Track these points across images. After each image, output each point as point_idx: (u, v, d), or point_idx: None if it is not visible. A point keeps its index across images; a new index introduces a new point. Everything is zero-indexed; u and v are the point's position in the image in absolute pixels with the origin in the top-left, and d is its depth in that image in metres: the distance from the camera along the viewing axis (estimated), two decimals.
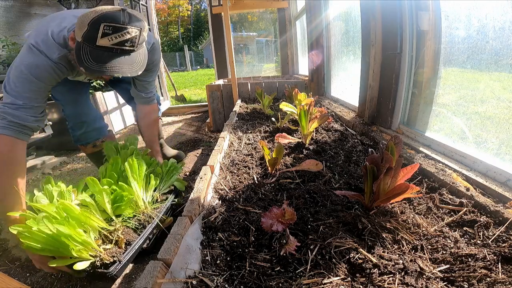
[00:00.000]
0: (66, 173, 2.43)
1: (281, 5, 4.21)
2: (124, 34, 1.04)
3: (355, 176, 1.14)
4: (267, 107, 2.44)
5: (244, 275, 0.67)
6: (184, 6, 33.46)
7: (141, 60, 1.15)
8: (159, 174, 1.44)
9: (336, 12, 2.60)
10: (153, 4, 4.59)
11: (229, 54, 3.18)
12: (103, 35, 1.01)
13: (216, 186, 1.11)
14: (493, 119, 1.03)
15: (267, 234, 0.79)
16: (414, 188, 0.78)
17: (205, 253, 0.75)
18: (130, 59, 1.09)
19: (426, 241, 0.73)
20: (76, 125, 1.75)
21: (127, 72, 1.08)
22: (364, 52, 1.73)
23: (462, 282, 0.60)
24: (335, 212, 0.88)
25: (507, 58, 0.93)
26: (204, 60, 28.85)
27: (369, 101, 1.70)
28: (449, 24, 1.19)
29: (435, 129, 1.31)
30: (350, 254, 0.69)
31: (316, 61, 2.88)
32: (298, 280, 0.64)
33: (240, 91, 3.24)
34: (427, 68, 1.34)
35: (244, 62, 7.30)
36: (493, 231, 0.72)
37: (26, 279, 1.17)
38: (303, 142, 1.51)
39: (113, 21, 1.02)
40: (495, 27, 0.96)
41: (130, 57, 1.09)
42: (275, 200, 1.00)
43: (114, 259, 0.97)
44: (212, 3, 4.41)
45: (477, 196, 0.85)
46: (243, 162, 1.34)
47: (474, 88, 1.12)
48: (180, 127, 3.88)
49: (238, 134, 1.80)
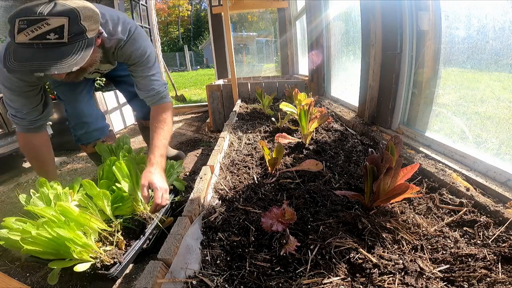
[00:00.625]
0: (66, 173, 2.43)
1: (281, 5, 4.21)
2: (42, 26, 0.89)
3: (355, 176, 1.14)
4: (267, 107, 2.44)
5: (244, 275, 0.67)
6: (184, 6, 33.45)
7: (80, 54, 0.96)
8: None
9: (336, 12, 2.60)
10: (153, 4, 4.59)
11: (229, 54, 3.18)
12: (19, 31, 0.89)
13: (216, 186, 1.11)
14: (493, 119, 1.03)
15: (267, 234, 0.79)
16: (414, 188, 0.78)
17: (205, 253, 0.75)
18: (60, 54, 0.93)
19: (426, 241, 0.73)
20: (77, 125, 1.75)
21: (54, 69, 0.91)
22: (364, 52, 1.73)
23: (462, 282, 0.60)
24: (335, 212, 0.88)
25: (507, 58, 0.93)
26: (204, 60, 28.85)
27: (369, 101, 1.70)
28: (449, 24, 1.19)
29: (435, 129, 1.31)
30: (350, 254, 0.69)
31: (316, 61, 2.88)
32: (298, 280, 0.64)
33: (240, 91, 3.24)
34: (427, 68, 1.34)
35: (244, 62, 7.30)
36: (493, 231, 0.72)
37: (26, 279, 1.17)
38: (303, 142, 1.51)
39: (28, 14, 0.90)
40: (495, 27, 0.96)
41: (61, 51, 0.93)
42: (275, 200, 1.00)
43: (115, 261, 0.97)
44: (212, 3, 4.41)
45: (477, 196, 0.85)
46: (243, 162, 1.34)
47: (474, 88, 1.12)
48: (180, 127, 3.88)
49: (238, 134, 1.80)
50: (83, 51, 0.97)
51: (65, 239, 0.88)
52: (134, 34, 1.31)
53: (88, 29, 0.98)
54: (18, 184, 2.21)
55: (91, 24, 0.99)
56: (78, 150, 2.92)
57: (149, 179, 1.12)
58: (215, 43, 4.73)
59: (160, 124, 1.35)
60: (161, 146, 1.28)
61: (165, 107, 1.43)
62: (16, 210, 1.75)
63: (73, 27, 0.93)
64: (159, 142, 1.29)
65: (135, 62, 1.35)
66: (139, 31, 1.35)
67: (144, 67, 1.38)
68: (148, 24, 4.45)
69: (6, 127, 2.11)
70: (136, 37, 1.33)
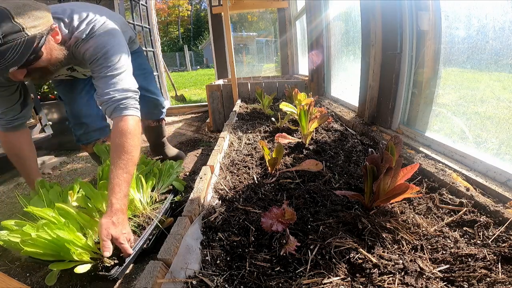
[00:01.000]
0: (66, 173, 2.43)
1: (281, 5, 4.21)
2: None
3: (355, 176, 1.14)
4: (267, 107, 2.44)
5: (244, 275, 0.67)
6: (184, 6, 33.45)
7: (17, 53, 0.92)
8: (156, 174, 1.43)
9: (336, 12, 2.60)
10: (153, 4, 4.59)
11: (229, 54, 3.18)
12: None
13: (216, 186, 1.11)
14: (493, 119, 1.03)
15: (267, 234, 0.79)
16: (414, 188, 0.78)
17: (205, 253, 0.75)
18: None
19: (426, 241, 0.73)
20: (76, 125, 1.75)
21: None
22: (364, 52, 1.73)
23: (462, 282, 0.60)
24: (335, 212, 0.88)
25: (507, 58, 0.93)
26: (204, 60, 28.86)
27: (369, 101, 1.70)
28: (449, 24, 1.19)
29: (435, 129, 1.31)
30: (350, 254, 0.69)
31: (316, 61, 2.88)
32: (298, 280, 0.64)
33: (240, 91, 3.24)
34: (427, 68, 1.34)
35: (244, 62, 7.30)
36: (493, 231, 0.72)
37: (26, 279, 1.17)
38: (303, 142, 1.51)
39: None
40: (495, 27, 0.96)
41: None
42: (275, 200, 1.00)
43: (115, 262, 0.97)
44: (212, 3, 4.41)
45: (477, 196, 0.85)
46: (243, 162, 1.34)
47: (474, 88, 1.12)
48: (180, 127, 3.88)
49: (238, 134, 1.80)
50: (21, 50, 0.92)
51: (65, 241, 0.88)
52: (96, 32, 1.16)
53: (27, 27, 0.92)
54: (18, 184, 2.21)
55: (30, 21, 0.93)
56: (78, 150, 2.92)
57: (112, 233, 0.95)
58: (215, 43, 4.73)
59: (118, 152, 1.05)
60: (122, 183, 1.02)
61: (123, 126, 1.09)
62: (16, 210, 1.75)
63: (5, 27, 0.88)
64: (120, 178, 1.02)
65: (91, 61, 1.15)
66: (106, 29, 1.19)
67: (100, 66, 1.14)
68: (148, 24, 4.45)
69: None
70: (97, 35, 1.16)
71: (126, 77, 1.18)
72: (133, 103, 1.16)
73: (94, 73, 1.16)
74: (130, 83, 1.18)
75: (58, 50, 1.09)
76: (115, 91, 1.12)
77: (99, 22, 1.18)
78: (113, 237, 0.95)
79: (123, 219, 1.00)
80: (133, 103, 1.17)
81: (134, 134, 1.10)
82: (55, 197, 1.17)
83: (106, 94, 1.12)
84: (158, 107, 2.05)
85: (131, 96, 1.16)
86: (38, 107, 2.40)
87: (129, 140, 1.07)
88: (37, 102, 2.39)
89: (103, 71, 1.13)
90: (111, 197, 0.99)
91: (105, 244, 0.93)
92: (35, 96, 2.37)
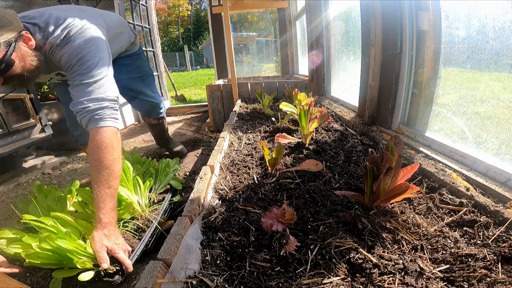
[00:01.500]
0: (66, 173, 2.43)
1: (281, 5, 4.20)
2: None
3: (355, 176, 1.14)
4: (267, 107, 2.44)
5: (244, 275, 0.67)
6: (184, 6, 33.45)
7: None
8: (153, 174, 1.42)
9: (336, 12, 2.60)
10: (153, 4, 4.59)
11: (229, 54, 3.17)
12: None
13: (216, 186, 1.11)
14: (493, 119, 1.03)
15: (267, 234, 0.79)
16: (414, 188, 0.78)
17: (205, 253, 0.75)
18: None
19: (426, 241, 0.73)
20: (73, 125, 1.75)
21: None
22: (364, 52, 1.73)
23: (462, 282, 0.60)
24: (335, 212, 0.88)
25: (507, 58, 0.93)
26: (204, 60, 28.84)
27: (369, 101, 1.70)
28: (449, 24, 1.19)
29: (435, 129, 1.31)
30: (350, 254, 0.69)
31: (316, 61, 2.88)
32: (298, 280, 0.64)
33: (240, 91, 3.24)
34: (427, 68, 1.34)
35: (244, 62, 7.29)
36: (493, 231, 0.72)
37: (26, 279, 1.16)
38: (303, 142, 1.51)
39: None
40: (495, 27, 0.96)
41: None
42: (275, 200, 1.00)
43: (117, 268, 0.96)
44: (212, 3, 4.41)
45: (477, 196, 0.85)
46: (243, 162, 1.34)
47: (474, 88, 1.11)
48: (180, 127, 3.88)
49: (238, 134, 1.80)
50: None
51: (67, 251, 0.88)
52: (71, 38, 1.09)
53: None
54: (18, 184, 2.21)
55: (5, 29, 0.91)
56: (78, 150, 2.92)
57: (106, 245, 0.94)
58: (215, 43, 4.72)
59: (97, 168, 0.99)
60: (107, 198, 0.98)
61: (99, 140, 1.02)
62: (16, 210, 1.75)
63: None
64: (102, 194, 0.97)
65: (66, 68, 1.10)
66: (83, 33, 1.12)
67: (75, 73, 1.07)
68: (148, 24, 4.45)
69: (6, 127, 2.11)
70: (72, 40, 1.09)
71: (104, 84, 1.10)
72: (109, 113, 1.08)
73: (70, 81, 1.10)
74: (107, 91, 1.10)
75: (31, 56, 1.05)
76: (89, 101, 1.05)
77: (76, 27, 1.12)
78: (108, 248, 0.94)
79: (114, 230, 0.99)
80: (110, 113, 1.08)
81: (111, 147, 1.03)
82: (53, 202, 1.17)
83: (80, 104, 1.05)
84: (155, 108, 2.08)
85: (107, 105, 1.08)
86: (38, 107, 2.39)
87: (107, 155, 1.00)
88: (37, 102, 2.39)
89: (78, 79, 1.06)
90: (98, 212, 0.96)
91: (100, 255, 0.91)
92: (35, 96, 2.37)
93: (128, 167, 1.22)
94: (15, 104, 2.20)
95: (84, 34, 1.12)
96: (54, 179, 2.32)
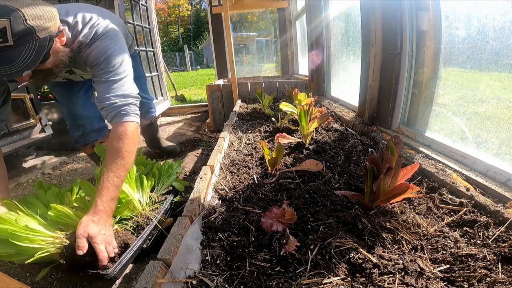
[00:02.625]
0: (66, 173, 2.43)
1: (281, 5, 4.20)
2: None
3: (355, 176, 1.14)
4: (267, 107, 2.44)
5: (244, 275, 0.67)
6: (184, 6, 33.47)
7: (31, 57, 0.90)
8: (155, 175, 1.43)
9: (336, 12, 2.60)
10: (153, 4, 4.59)
11: (229, 54, 3.18)
12: None
13: (216, 186, 1.11)
14: (493, 119, 1.03)
15: (267, 234, 0.79)
16: (414, 188, 0.78)
17: (205, 253, 0.75)
18: (8, 58, 0.86)
19: (426, 241, 0.73)
20: (73, 126, 1.74)
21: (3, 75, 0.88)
22: (364, 52, 1.73)
23: (462, 282, 0.60)
24: (335, 212, 0.88)
25: (507, 58, 0.93)
26: (204, 60, 28.85)
27: (369, 101, 1.70)
28: (449, 24, 1.19)
29: (435, 129, 1.31)
30: (350, 254, 0.69)
31: (316, 61, 2.88)
32: (298, 280, 0.64)
33: (240, 91, 3.24)
34: (427, 68, 1.34)
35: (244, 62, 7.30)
36: (493, 231, 0.72)
37: (26, 279, 1.17)
38: (303, 142, 1.51)
39: None
40: (495, 27, 0.96)
41: (8, 55, 0.86)
42: (275, 200, 1.00)
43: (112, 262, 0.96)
44: (212, 3, 4.41)
45: (477, 196, 0.85)
46: (243, 162, 1.34)
47: (474, 88, 1.11)
48: (180, 127, 3.88)
49: (238, 134, 1.80)
50: (34, 53, 0.90)
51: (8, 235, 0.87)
52: (99, 37, 1.15)
53: (39, 29, 0.89)
54: (18, 184, 2.21)
55: (42, 23, 0.90)
56: (78, 150, 2.92)
57: (89, 231, 0.90)
58: (215, 43, 4.72)
59: (113, 156, 1.05)
60: (112, 187, 1.00)
61: (122, 132, 1.09)
62: None
63: (18, 29, 0.84)
64: (110, 181, 1.00)
65: (93, 65, 1.15)
66: (109, 33, 1.18)
67: (102, 71, 1.14)
68: (148, 24, 4.45)
69: (6, 127, 2.11)
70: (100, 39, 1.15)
71: (127, 82, 1.17)
72: (133, 109, 1.16)
73: (95, 77, 1.16)
74: (131, 89, 1.18)
75: (63, 52, 1.08)
76: (116, 97, 1.12)
77: (102, 26, 1.17)
78: (89, 235, 0.89)
79: (105, 220, 0.97)
80: (134, 109, 1.16)
81: (132, 140, 1.10)
82: (52, 198, 1.17)
83: (107, 100, 1.11)
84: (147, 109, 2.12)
85: (132, 102, 1.16)
86: (38, 107, 2.39)
87: (126, 146, 1.07)
88: (37, 102, 2.39)
89: (105, 76, 1.13)
90: (97, 198, 0.98)
91: (79, 241, 0.88)
92: (35, 96, 2.37)
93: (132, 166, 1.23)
94: (15, 104, 2.20)
95: (109, 33, 1.18)
96: (54, 179, 2.32)
